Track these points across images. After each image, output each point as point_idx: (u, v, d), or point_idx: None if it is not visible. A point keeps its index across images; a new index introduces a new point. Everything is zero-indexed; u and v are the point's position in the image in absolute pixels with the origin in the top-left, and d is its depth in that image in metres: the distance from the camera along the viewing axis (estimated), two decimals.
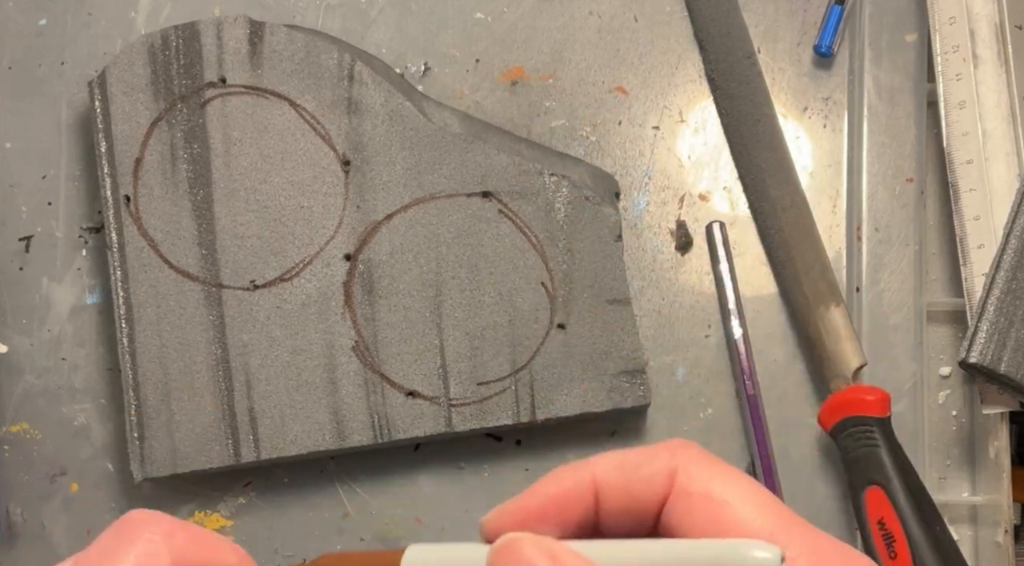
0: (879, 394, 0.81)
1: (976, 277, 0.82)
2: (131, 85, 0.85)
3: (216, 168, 0.84)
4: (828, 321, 0.84)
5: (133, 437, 0.84)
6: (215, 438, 0.83)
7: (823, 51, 0.88)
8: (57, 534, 0.88)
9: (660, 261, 0.88)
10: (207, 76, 0.84)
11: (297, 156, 0.84)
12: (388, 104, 0.84)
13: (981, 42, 0.84)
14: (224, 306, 0.84)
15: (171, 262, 0.84)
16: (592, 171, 0.87)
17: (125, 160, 0.85)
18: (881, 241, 0.86)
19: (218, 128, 0.84)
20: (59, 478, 0.88)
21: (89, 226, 0.90)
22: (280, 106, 0.84)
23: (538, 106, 0.89)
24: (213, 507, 0.88)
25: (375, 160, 0.84)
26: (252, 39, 0.84)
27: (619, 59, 0.90)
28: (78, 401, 0.89)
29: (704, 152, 0.89)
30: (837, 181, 0.88)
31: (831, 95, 0.88)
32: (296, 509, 0.88)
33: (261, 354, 0.84)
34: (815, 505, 0.85)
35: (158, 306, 0.84)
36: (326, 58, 0.84)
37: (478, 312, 0.83)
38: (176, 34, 0.85)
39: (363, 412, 0.83)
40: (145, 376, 0.84)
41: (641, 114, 0.89)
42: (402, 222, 0.84)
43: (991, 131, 0.83)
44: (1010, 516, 0.83)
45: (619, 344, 0.83)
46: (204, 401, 0.84)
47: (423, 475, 0.87)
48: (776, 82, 0.89)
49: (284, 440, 0.83)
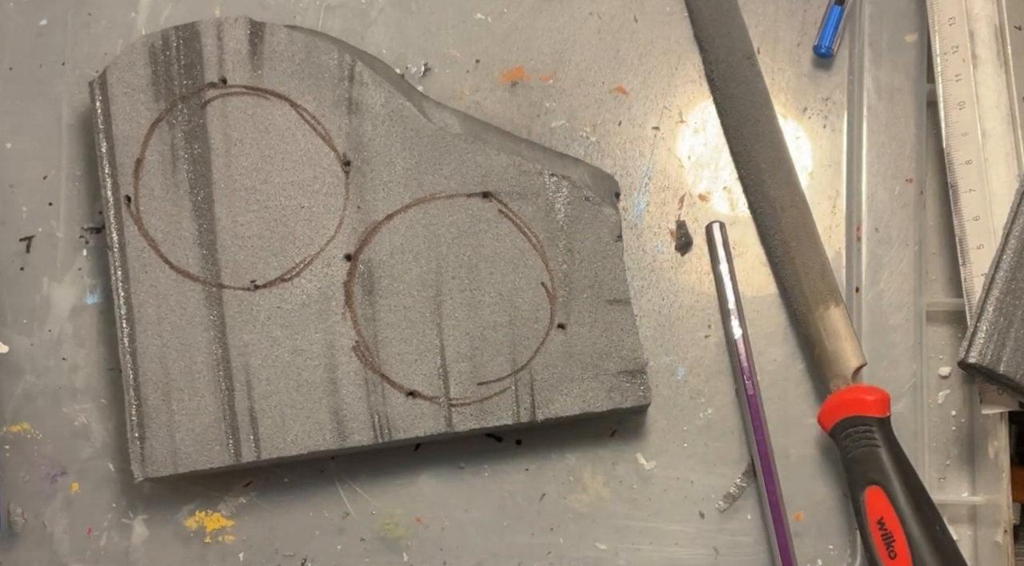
0: (879, 394, 0.81)
1: (975, 277, 0.82)
2: (132, 85, 0.85)
3: (217, 168, 0.84)
4: (828, 321, 0.84)
5: (134, 437, 0.84)
6: (216, 438, 0.83)
7: (823, 51, 0.88)
8: (58, 534, 0.88)
9: (660, 261, 0.88)
10: (208, 76, 0.84)
11: (297, 156, 0.84)
12: (388, 104, 0.84)
13: (981, 43, 0.84)
14: (225, 306, 0.84)
15: (172, 262, 0.84)
16: (592, 171, 0.87)
17: (126, 160, 0.85)
18: (881, 241, 0.86)
19: (219, 128, 0.84)
20: (60, 478, 0.88)
21: (90, 226, 0.90)
22: (281, 106, 0.84)
23: (538, 106, 0.89)
24: (214, 507, 0.88)
25: (375, 160, 0.84)
26: (252, 39, 0.84)
27: (619, 59, 0.90)
28: (78, 401, 0.89)
29: (704, 152, 0.89)
30: (837, 181, 0.88)
31: (831, 95, 0.88)
32: (297, 509, 0.88)
33: (262, 354, 0.84)
34: (815, 505, 0.85)
35: (159, 306, 0.84)
36: (326, 58, 0.84)
37: (478, 312, 0.83)
38: (177, 34, 0.85)
39: (363, 412, 0.83)
40: (146, 376, 0.84)
41: (641, 114, 0.89)
42: (402, 222, 0.84)
43: (990, 132, 0.83)
44: (1009, 516, 0.83)
45: (619, 344, 0.83)
46: (205, 401, 0.84)
47: (423, 475, 0.87)
48: (776, 82, 0.89)
49: (284, 440, 0.83)
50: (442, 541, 0.87)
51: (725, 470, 0.86)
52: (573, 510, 0.87)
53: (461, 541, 0.87)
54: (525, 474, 0.87)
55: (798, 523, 0.85)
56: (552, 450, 0.87)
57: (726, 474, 0.86)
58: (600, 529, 0.86)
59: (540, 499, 0.87)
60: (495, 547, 0.87)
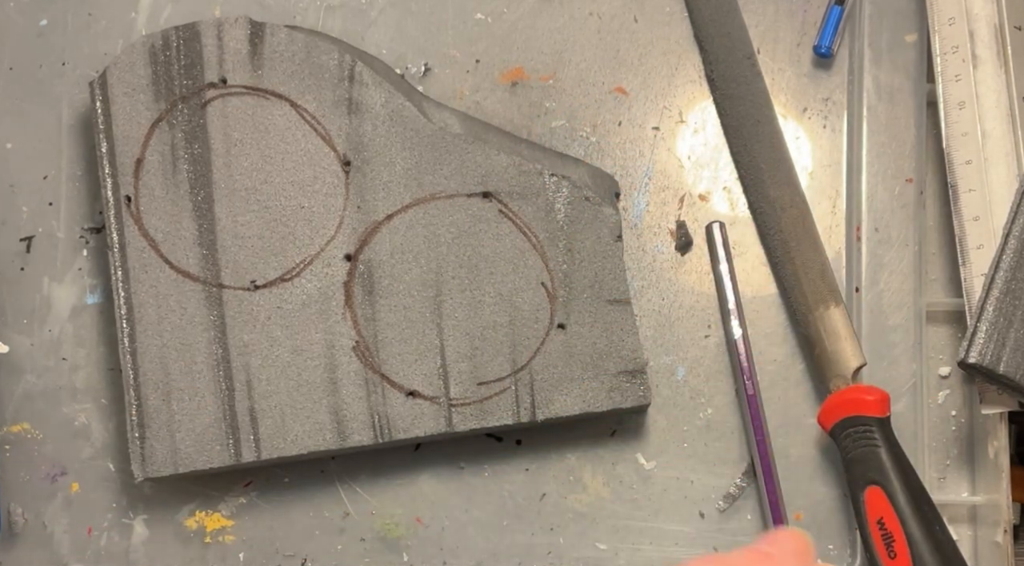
0: (878, 394, 0.81)
1: (975, 277, 0.82)
2: (132, 85, 0.85)
3: (217, 168, 0.84)
4: (828, 321, 0.84)
5: (134, 437, 0.84)
6: (216, 438, 0.83)
7: (823, 51, 0.88)
8: (58, 534, 0.88)
9: (660, 261, 0.88)
10: (208, 77, 0.84)
11: (298, 156, 0.84)
12: (388, 104, 0.84)
13: (980, 43, 0.84)
14: (225, 306, 0.84)
15: (172, 262, 0.84)
16: (592, 171, 0.87)
17: (126, 160, 0.85)
18: (881, 241, 0.86)
19: (219, 128, 0.84)
20: (60, 478, 0.88)
21: (90, 226, 0.90)
22: (281, 106, 0.84)
23: (538, 106, 0.89)
24: (214, 507, 0.88)
25: (375, 160, 0.84)
26: (253, 40, 0.84)
27: (619, 59, 0.90)
28: (78, 401, 0.89)
29: (704, 152, 0.89)
30: (837, 181, 0.88)
31: (831, 95, 0.89)
32: (297, 509, 0.88)
33: (262, 354, 0.84)
34: (815, 505, 0.86)
35: (159, 306, 0.84)
36: (327, 59, 0.84)
37: (478, 312, 0.83)
38: (177, 35, 0.85)
39: (363, 412, 0.83)
40: (146, 376, 0.84)
41: (641, 114, 0.89)
42: (402, 222, 0.84)
43: (990, 132, 0.83)
44: (1009, 516, 0.83)
45: (619, 344, 0.83)
46: (205, 401, 0.84)
47: (423, 475, 0.87)
48: (776, 82, 0.89)
49: (285, 440, 0.83)
50: (442, 541, 0.87)
51: (725, 470, 0.86)
52: (573, 510, 0.87)
53: (461, 541, 0.87)
54: (525, 474, 0.87)
55: (798, 523, 0.85)
56: (552, 450, 0.87)
57: (726, 474, 0.86)
58: (600, 529, 0.86)
59: (540, 499, 0.87)
60: (495, 547, 0.87)
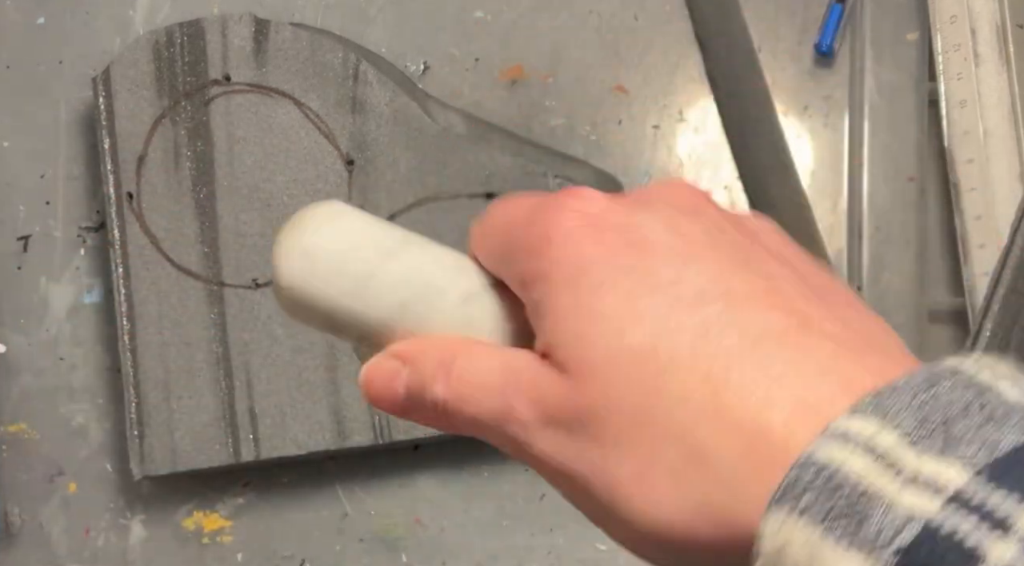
0: None
1: (977, 276, 0.82)
2: (135, 82, 0.84)
3: (219, 166, 0.84)
4: None
5: (133, 435, 0.83)
6: (215, 437, 0.83)
7: (824, 50, 0.88)
8: (55, 534, 0.88)
9: None
10: (211, 74, 0.84)
11: (301, 155, 0.84)
12: (392, 104, 0.84)
13: (982, 41, 0.84)
14: (226, 304, 0.84)
15: (173, 260, 0.84)
16: (596, 173, 0.87)
17: (128, 157, 0.84)
18: (882, 240, 0.86)
19: (222, 126, 0.84)
20: (57, 478, 0.88)
21: (88, 225, 0.89)
22: (284, 104, 0.84)
23: (538, 105, 0.89)
24: (212, 506, 0.88)
25: (379, 160, 0.84)
26: (257, 37, 0.84)
27: (619, 58, 0.90)
28: (76, 401, 0.88)
29: (704, 151, 0.89)
30: (838, 180, 0.88)
31: (832, 94, 0.89)
32: (295, 509, 0.87)
33: (262, 353, 0.83)
34: None
35: (159, 304, 0.84)
36: (331, 57, 0.84)
37: None
38: (181, 31, 0.84)
39: (363, 412, 0.83)
40: (145, 373, 0.83)
41: (641, 113, 0.89)
42: (405, 222, 0.84)
43: (992, 130, 0.83)
44: None
45: None
46: (204, 399, 0.83)
47: (423, 475, 0.87)
48: (777, 81, 0.89)
49: (284, 439, 0.83)
50: (441, 541, 0.87)
51: None
52: (573, 510, 0.86)
53: (460, 541, 0.87)
54: (525, 474, 0.87)
55: None
56: None
57: None
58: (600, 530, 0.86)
59: (540, 499, 0.87)
60: (494, 547, 0.87)
